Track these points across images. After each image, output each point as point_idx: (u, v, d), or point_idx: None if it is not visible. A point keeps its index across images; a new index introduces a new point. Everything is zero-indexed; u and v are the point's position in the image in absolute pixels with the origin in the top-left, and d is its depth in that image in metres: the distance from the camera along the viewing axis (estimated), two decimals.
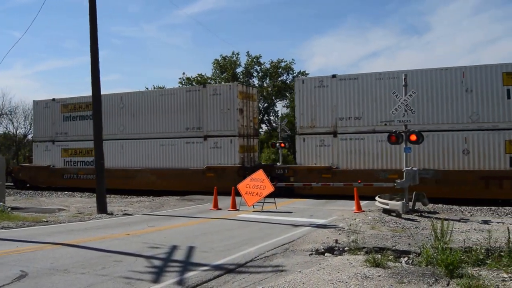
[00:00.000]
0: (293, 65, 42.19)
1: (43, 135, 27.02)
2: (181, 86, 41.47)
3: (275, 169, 20.84)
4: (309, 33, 78.19)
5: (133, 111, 24.14)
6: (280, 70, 42.15)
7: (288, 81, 42.37)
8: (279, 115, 40.86)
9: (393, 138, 14.18)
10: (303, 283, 6.18)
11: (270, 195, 15.26)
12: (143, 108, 23.88)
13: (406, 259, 7.93)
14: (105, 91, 25.33)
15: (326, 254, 8.45)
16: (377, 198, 14.55)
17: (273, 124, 42.11)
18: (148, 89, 42.05)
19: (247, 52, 42.89)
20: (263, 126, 42.73)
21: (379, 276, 6.34)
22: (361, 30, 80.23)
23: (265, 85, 42.36)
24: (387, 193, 14.93)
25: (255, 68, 43.18)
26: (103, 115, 24.21)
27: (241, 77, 42.24)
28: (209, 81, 42.04)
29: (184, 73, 45.50)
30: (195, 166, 22.17)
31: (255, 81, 43.28)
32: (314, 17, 79.51)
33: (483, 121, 17.40)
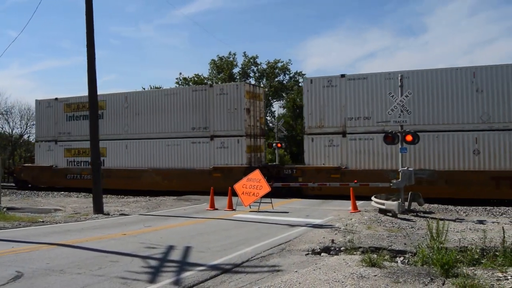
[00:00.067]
0: (289, 65, 42.30)
1: (45, 134, 26.67)
2: (178, 86, 41.42)
3: (283, 169, 20.72)
4: (306, 33, 78.36)
5: (138, 110, 23.85)
6: (277, 70, 42.20)
7: (284, 82, 42.43)
8: (275, 115, 40.90)
9: (389, 138, 14.25)
10: (300, 283, 6.20)
11: (267, 195, 15.30)
12: (148, 107, 23.59)
13: (402, 258, 7.96)
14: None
15: (322, 254, 8.47)
16: (373, 198, 14.59)
17: (270, 124, 42.19)
18: (145, 89, 42.03)
19: (244, 53, 42.94)
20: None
21: (375, 275, 6.37)
22: (358, 30, 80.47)
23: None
24: (384, 193, 14.96)
25: (251, 69, 43.23)
26: (107, 115, 24.62)
27: (237, 77, 42.26)
28: (205, 81, 42.03)
29: (181, 73, 45.56)
30: (201, 166, 21.96)
31: (252, 82, 43.33)
32: (311, 18, 79.65)
33: (493, 121, 17.33)
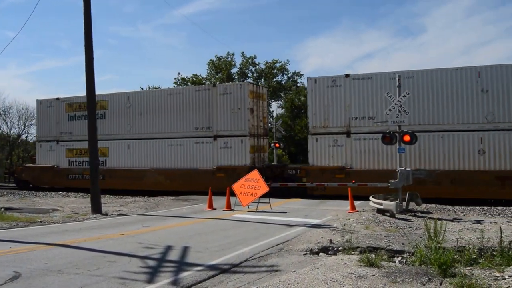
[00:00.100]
0: (287, 65, 42.33)
1: (46, 134, 26.43)
2: (176, 86, 41.40)
3: (287, 169, 20.59)
4: (304, 34, 78.44)
5: (140, 110, 23.67)
6: (275, 71, 42.23)
7: (283, 82, 42.45)
8: (274, 115, 40.89)
9: (386, 138, 14.26)
10: (298, 282, 6.20)
11: (265, 195, 15.30)
12: (150, 107, 23.43)
13: (399, 258, 7.97)
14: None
15: (320, 254, 8.47)
16: (371, 198, 14.60)
17: (268, 124, 42.15)
18: (143, 89, 42.00)
19: (242, 53, 42.99)
20: None
21: (373, 275, 6.38)
22: (355, 31, 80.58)
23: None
24: (384, 193, 14.96)
25: (250, 69, 43.25)
26: (109, 114, 24.51)
27: (236, 78, 42.26)
28: (204, 81, 42.03)
29: (179, 73, 45.50)
30: (204, 166, 21.81)
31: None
32: (309, 19, 79.74)
33: (499, 121, 17.22)
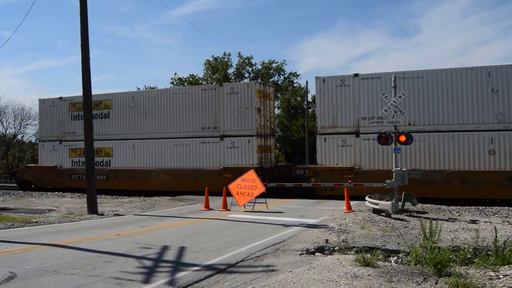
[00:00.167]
0: (284, 66, 42.38)
1: (49, 134, 26.17)
2: (173, 86, 41.35)
3: (295, 169, 20.52)
4: (300, 34, 78.60)
5: (145, 110, 23.45)
6: (271, 71, 42.26)
7: (279, 82, 42.48)
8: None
9: (382, 139, 14.32)
10: (294, 282, 6.22)
11: (262, 195, 15.31)
12: (156, 107, 23.21)
13: (395, 258, 8.01)
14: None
15: (316, 254, 8.50)
16: (367, 198, 14.63)
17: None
18: (139, 89, 41.89)
19: (239, 53, 43.07)
20: None
21: (368, 275, 6.40)
22: (352, 32, 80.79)
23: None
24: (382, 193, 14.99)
25: (246, 69, 43.27)
26: (114, 114, 24.45)
27: (232, 78, 42.26)
28: (200, 81, 42.00)
29: (176, 74, 45.43)
30: (211, 166, 21.63)
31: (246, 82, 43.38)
32: (305, 19, 79.87)
33: (509, 121, 17.24)
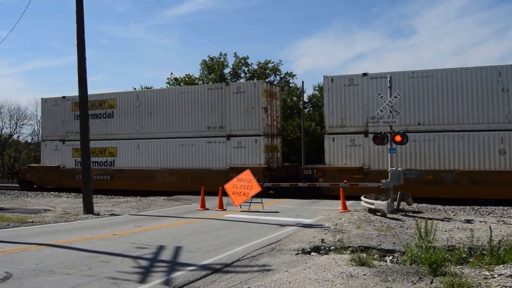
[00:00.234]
0: (280, 66, 42.41)
1: (52, 134, 25.96)
2: (169, 86, 41.26)
3: (303, 170, 20.49)
4: (296, 34, 78.73)
5: (150, 109, 23.28)
6: (267, 71, 42.28)
7: (275, 82, 42.47)
8: None
9: (377, 138, 14.38)
10: (290, 282, 6.23)
11: (257, 195, 15.34)
12: (161, 106, 23.04)
13: (391, 258, 8.04)
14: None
15: (312, 254, 8.52)
16: (362, 198, 14.68)
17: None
18: (135, 89, 41.81)
19: (235, 53, 43.01)
20: None
21: (364, 274, 6.42)
22: (348, 32, 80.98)
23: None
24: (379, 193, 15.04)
25: (242, 69, 43.25)
26: (118, 114, 24.38)
27: (228, 78, 42.24)
28: (196, 81, 41.95)
29: (172, 74, 45.47)
30: (217, 166, 21.46)
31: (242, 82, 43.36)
32: (301, 19, 79.99)
33: None
